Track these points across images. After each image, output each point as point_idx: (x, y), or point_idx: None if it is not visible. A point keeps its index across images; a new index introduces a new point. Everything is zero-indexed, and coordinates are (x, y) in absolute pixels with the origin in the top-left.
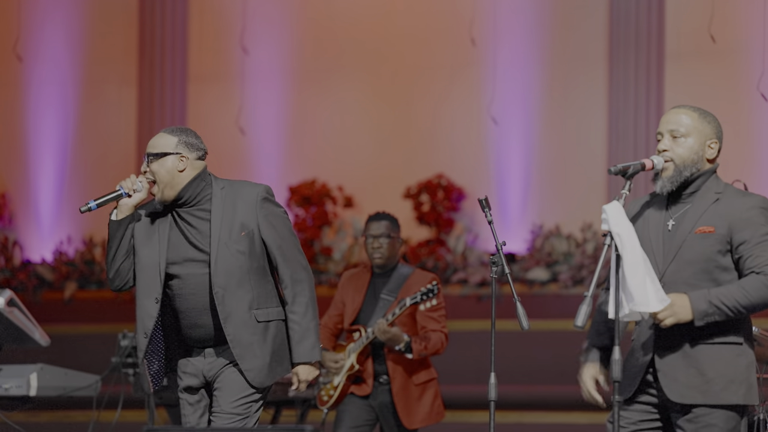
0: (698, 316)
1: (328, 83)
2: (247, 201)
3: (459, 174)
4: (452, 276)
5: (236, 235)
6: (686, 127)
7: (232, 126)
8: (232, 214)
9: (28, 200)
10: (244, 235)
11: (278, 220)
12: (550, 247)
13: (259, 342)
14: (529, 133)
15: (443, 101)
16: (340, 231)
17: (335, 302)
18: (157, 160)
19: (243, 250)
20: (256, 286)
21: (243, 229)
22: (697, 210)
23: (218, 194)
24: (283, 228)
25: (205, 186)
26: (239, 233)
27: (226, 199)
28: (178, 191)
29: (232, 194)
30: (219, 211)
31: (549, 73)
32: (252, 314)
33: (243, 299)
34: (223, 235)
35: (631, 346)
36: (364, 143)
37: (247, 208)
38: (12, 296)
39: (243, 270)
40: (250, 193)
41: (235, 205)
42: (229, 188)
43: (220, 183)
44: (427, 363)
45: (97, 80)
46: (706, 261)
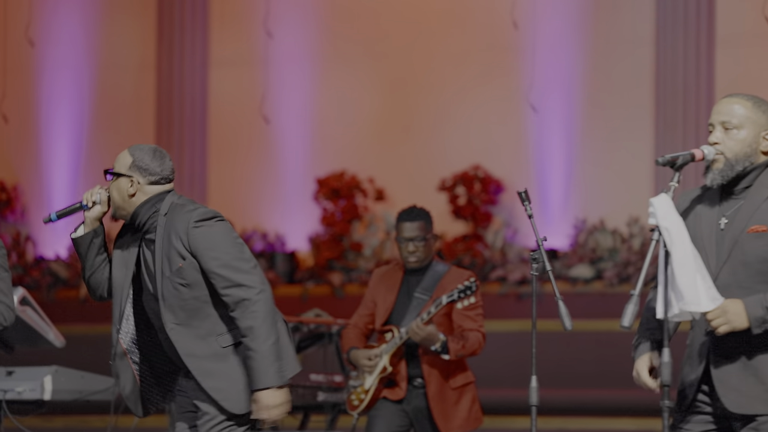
0: (755, 324)
1: (357, 68)
2: (179, 230)
3: (497, 165)
4: (490, 273)
5: (175, 267)
6: (739, 118)
7: (256, 114)
8: (168, 245)
9: (41, 193)
10: (182, 267)
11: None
12: (594, 242)
13: (230, 367)
14: (570, 121)
15: (480, 87)
16: (371, 226)
17: (366, 301)
18: (114, 179)
19: (186, 282)
20: (212, 311)
21: (180, 261)
22: (749, 207)
23: (161, 223)
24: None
25: (153, 213)
26: (177, 265)
27: (166, 228)
28: (130, 214)
29: (169, 224)
30: (160, 243)
31: (592, 58)
32: (215, 341)
33: (200, 329)
34: (165, 268)
35: (686, 353)
36: (396, 132)
37: (179, 238)
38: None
39: (191, 301)
40: (182, 220)
41: (170, 236)
42: (170, 216)
43: (166, 207)
44: (464, 366)
45: (113, 65)
46: (761, 263)
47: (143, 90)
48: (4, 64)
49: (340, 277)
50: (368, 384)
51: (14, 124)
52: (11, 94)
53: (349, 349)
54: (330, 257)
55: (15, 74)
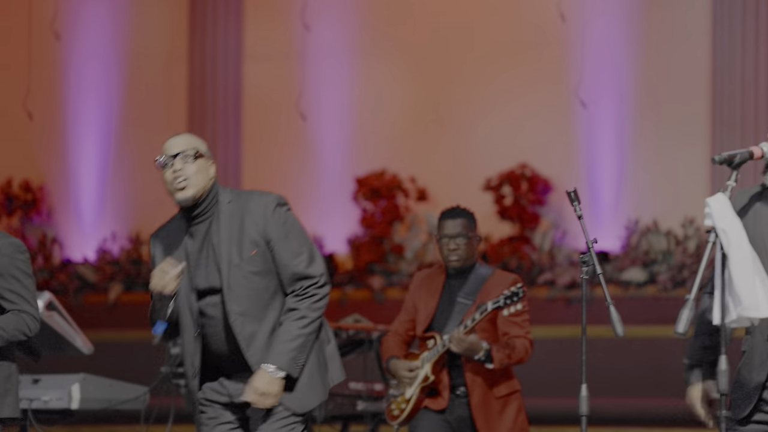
0: None
1: (397, 63)
2: (256, 216)
3: (545, 163)
4: (538, 277)
5: (247, 255)
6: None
7: (292, 110)
8: (240, 232)
9: (68, 193)
10: (256, 254)
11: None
12: (647, 244)
13: None
14: (622, 117)
15: (527, 82)
16: (413, 227)
17: (406, 306)
18: (194, 160)
19: (258, 270)
20: (278, 304)
21: (253, 248)
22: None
23: (225, 209)
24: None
25: (213, 199)
26: (250, 252)
27: (234, 214)
28: (202, 199)
29: (239, 208)
30: (227, 230)
31: (644, 51)
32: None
33: (266, 321)
34: (234, 256)
35: (742, 360)
36: (438, 129)
37: (255, 224)
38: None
39: (260, 291)
40: (257, 206)
41: (243, 222)
42: (236, 201)
43: (227, 195)
44: (510, 374)
45: (142, 58)
46: None
47: (174, 84)
48: (28, 58)
49: (380, 281)
50: (409, 393)
51: (39, 120)
52: (36, 89)
53: (388, 358)
54: (370, 260)
55: (40, 68)
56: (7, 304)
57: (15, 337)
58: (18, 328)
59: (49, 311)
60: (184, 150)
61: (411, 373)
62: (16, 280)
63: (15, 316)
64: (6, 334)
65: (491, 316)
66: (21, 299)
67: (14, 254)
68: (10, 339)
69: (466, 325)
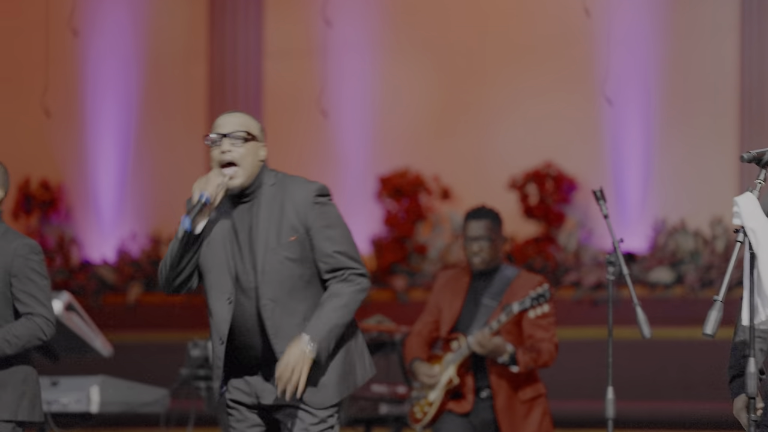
0: None
1: (420, 59)
2: (298, 202)
3: (570, 162)
4: (563, 277)
5: (285, 240)
6: None
7: (313, 107)
8: (280, 216)
9: (87, 192)
10: (294, 241)
11: (328, 221)
12: (675, 244)
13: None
14: (648, 114)
15: (551, 79)
16: (436, 227)
17: (430, 307)
18: (245, 143)
19: (294, 257)
20: (310, 295)
21: (293, 233)
22: None
23: (267, 192)
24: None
25: (259, 181)
26: (288, 238)
27: (276, 197)
28: (249, 183)
29: (281, 192)
30: (267, 213)
31: (671, 47)
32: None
33: (296, 311)
34: (271, 240)
35: None
36: (462, 127)
37: (296, 210)
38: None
39: (294, 278)
40: (301, 191)
41: (283, 206)
42: (280, 185)
43: (270, 178)
44: (535, 377)
45: (161, 55)
46: None
47: (194, 81)
48: (46, 55)
49: (403, 282)
50: (433, 396)
51: (57, 118)
52: (54, 86)
53: (411, 359)
54: (393, 260)
55: (58, 65)
56: (21, 306)
57: (30, 343)
58: (33, 334)
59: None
60: (235, 131)
61: (431, 379)
62: (30, 281)
63: (29, 322)
64: (21, 341)
65: (516, 318)
66: (35, 301)
67: (29, 255)
68: (26, 346)
69: (491, 327)
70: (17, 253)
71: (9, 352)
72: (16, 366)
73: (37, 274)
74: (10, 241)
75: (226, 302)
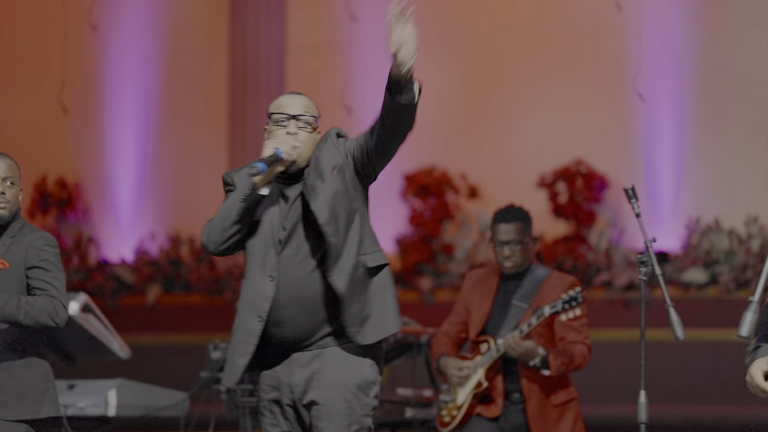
0: None
1: (448, 55)
2: (325, 144)
3: (601, 159)
4: (594, 278)
5: (329, 176)
6: None
7: (337, 103)
8: (317, 163)
9: (105, 190)
10: (336, 173)
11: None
12: (709, 244)
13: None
14: (682, 110)
15: (581, 75)
16: (464, 226)
17: (458, 308)
18: (308, 126)
19: (338, 189)
20: (360, 228)
21: (332, 168)
22: None
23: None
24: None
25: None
26: (330, 173)
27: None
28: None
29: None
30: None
31: (705, 40)
32: (359, 261)
33: (349, 241)
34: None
35: None
36: (490, 124)
37: (328, 151)
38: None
39: (346, 212)
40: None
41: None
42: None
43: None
44: (567, 380)
45: (182, 51)
46: None
47: (215, 78)
48: (64, 50)
49: (429, 282)
50: (461, 399)
51: (75, 115)
52: (71, 82)
53: (438, 356)
54: (419, 260)
55: (76, 61)
56: (38, 292)
57: (41, 316)
58: (47, 311)
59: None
60: (306, 114)
61: (461, 372)
62: (45, 271)
63: (46, 298)
64: (35, 313)
65: (548, 320)
66: (52, 288)
67: (44, 247)
68: (36, 317)
69: (522, 330)
70: (33, 245)
71: (20, 319)
72: (34, 363)
73: (52, 264)
74: (26, 234)
75: (268, 279)
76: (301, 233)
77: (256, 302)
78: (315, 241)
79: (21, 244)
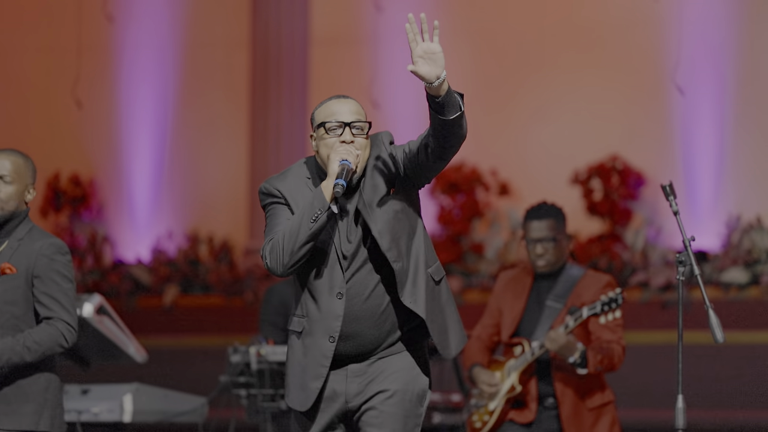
0: None
1: (476, 46)
2: (378, 152)
3: (637, 155)
4: (630, 278)
5: (386, 194)
6: None
7: (363, 97)
8: (372, 173)
9: (120, 188)
10: (394, 191)
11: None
12: (750, 242)
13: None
14: (722, 104)
15: (618, 67)
16: (494, 224)
17: (490, 310)
18: (363, 132)
19: (397, 209)
20: (423, 242)
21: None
22: None
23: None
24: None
25: None
26: (387, 191)
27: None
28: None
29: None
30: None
31: (746, 32)
32: (428, 275)
33: (418, 262)
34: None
35: None
36: (522, 118)
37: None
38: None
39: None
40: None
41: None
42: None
43: None
44: (603, 383)
45: (201, 43)
46: None
47: (236, 71)
48: (78, 43)
49: (458, 283)
50: (493, 404)
51: (90, 110)
52: (86, 76)
53: (471, 365)
54: (447, 260)
55: (91, 54)
56: (42, 309)
57: (51, 350)
58: (54, 340)
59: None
60: (359, 119)
61: (491, 388)
62: (54, 283)
63: (50, 327)
64: (41, 348)
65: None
66: (58, 305)
67: (54, 255)
68: (47, 353)
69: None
70: (42, 253)
71: (29, 360)
72: (38, 374)
73: (62, 276)
74: (35, 239)
75: (336, 297)
76: (364, 246)
77: (327, 322)
78: (379, 253)
79: (29, 249)
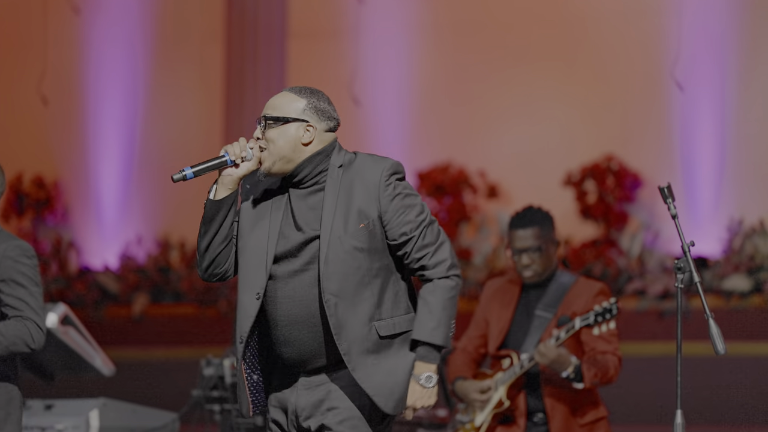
0: None
1: (463, 40)
2: (370, 183)
3: (634, 155)
4: (626, 285)
5: (353, 228)
6: None
7: (344, 94)
8: (348, 200)
9: (87, 190)
10: (363, 228)
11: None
12: (752, 248)
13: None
14: (723, 101)
15: (613, 61)
16: (482, 228)
17: (476, 320)
18: (276, 126)
19: (361, 246)
20: (379, 291)
21: (361, 220)
22: None
23: (334, 174)
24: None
25: (323, 161)
26: (357, 225)
27: (343, 181)
28: (293, 167)
29: (350, 174)
30: (333, 199)
31: (749, 25)
32: (372, 327)
33: (361, 309)
34: (338, 227)
35: None
36: (511, 116)
37: (366, 192)
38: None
39: (362, 271)
40: (371, 171)
41: (352, 190)
42: (348, 166)
43: (339, 158)
44: (595, 397)
45: (173, 36)
46: None
47: (209, 66)
48: (44, 37)
49: None
50: (479, 420)
51: (55, 107)
52: (52, 71)
53: (455, 379)
54: None
55: (57, 48)
56: (10, 311)
57: (15, 345)
58: (21, 337)
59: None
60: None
61: (483, 395)
62: (20, 286)
63: (18, 323)
64: (6, 341)
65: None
66: (26, 306)
67: (19, 258)
68: (11, 348)
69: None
70: (7, 255)
71: None
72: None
73: (29, 279)
74: (0, 242)
75: (254, 297)
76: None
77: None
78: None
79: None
